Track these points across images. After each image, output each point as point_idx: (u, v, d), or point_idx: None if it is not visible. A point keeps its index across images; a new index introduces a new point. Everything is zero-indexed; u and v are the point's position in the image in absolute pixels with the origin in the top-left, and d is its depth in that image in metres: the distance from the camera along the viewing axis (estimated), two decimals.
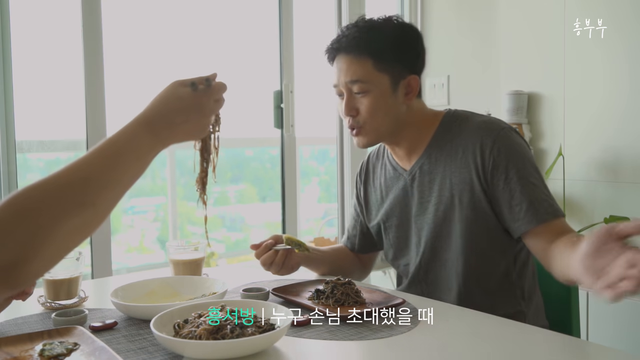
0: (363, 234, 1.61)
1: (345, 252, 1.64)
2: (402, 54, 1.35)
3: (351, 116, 1.38)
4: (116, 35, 2.63)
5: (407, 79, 1.36)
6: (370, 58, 1.33)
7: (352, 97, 1.36)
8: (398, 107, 1.37)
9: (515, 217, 1.27)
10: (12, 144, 2.05)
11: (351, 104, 1.37)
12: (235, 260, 4.28)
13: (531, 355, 0.99)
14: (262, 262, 1.41)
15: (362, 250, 1.62)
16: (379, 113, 1.35)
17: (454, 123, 1.38)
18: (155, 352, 0.99)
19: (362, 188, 1.59)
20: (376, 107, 1.34)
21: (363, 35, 1.33)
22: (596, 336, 2.33)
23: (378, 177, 1.54)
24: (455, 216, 1.34)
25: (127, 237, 4.08)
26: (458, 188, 1.32)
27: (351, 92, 1.36)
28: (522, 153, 1.30)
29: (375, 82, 1.33)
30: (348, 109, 1.37)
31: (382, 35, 1.33)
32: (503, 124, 1.34)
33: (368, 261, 1.66)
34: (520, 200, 1.26)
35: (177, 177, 3.88)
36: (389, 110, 1.36)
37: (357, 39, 1.34)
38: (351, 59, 1.34)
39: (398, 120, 1.38)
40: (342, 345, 1.03)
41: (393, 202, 1.46)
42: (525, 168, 1.28)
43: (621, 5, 2.40)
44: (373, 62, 1.33)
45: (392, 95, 1.35)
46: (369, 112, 1.35)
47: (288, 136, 2.64)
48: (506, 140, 1.30)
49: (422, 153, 1.40)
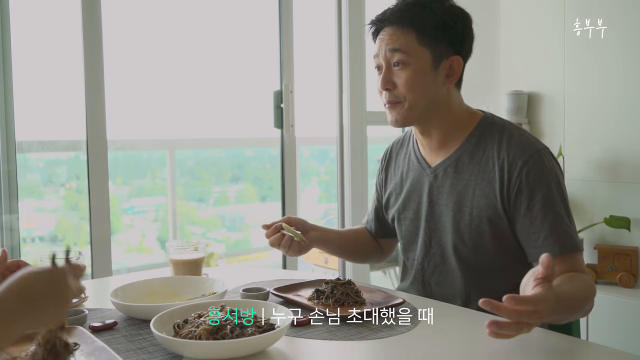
0: (378, 219, 1.59)
1: (364, 234, 1.63)
2: (446, 33, 1.30)
3: (387, 90, 1.33)
4: (116, 35, 2.63)
5: (450, 59, 1.32)
6: (413, 31, 1.29)
7: (390, 70, 1.32)
8: (437, 87, 1.32)
9: (532, 245, 1.25)
10: (12, 144, 2.05)
11: (388, 76, 1.32)
12: (235, 260, 4.28)
13: (531, 355, 0.99)
14: (270, 243, 1.41)
15: (378, 235, 1.61)
16: (417, 88, 1.30)
17: (491, 133, 1.33)
18: (155, 352, 0.99)
19: (384, 174, 1.56)
20: (415, 82, 1.29)
21: (409, 9, 1.31)
22: (596, 336, 2.33)
23: (400, 166, 1.50)
24: (471, 228, 1.30)
25: (127, 237, 4.08)
26: (480, 202, 1.29)
27: (390, 64, 1.32)
28: (551, 179, 1.25)
29: (416, 56, 1.29)
30: (385, 82, 1.32)
31: (427, 11, 1.30)
32: (539, 144, 1.29)
33: (387, 247, 1.63)
34: (539, 228, 1.23)
35: (177, 177, 3.88)
36: (427, 87, 1.30)
37: (403, 11, 1.31)
38: (394, 30, 1.31)
39: (436, 103, 1.32)
40: (342, 345, 1.03)
41: (411, 195, 1.43)
42: (551, 196, 1.24)
43: (621, 5, 2.40)
44: (416, 35, 1.28)
45: (432, 73, 1.30)
46: (406, 85, 1.29)
47: (288, 136, 2.64)
48: (537, 165, 1.25)
49: (450, 153, 1.36)
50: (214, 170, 4.44)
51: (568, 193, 1.31)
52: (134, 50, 3.08)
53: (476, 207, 1.29)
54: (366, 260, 1.68)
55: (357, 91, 2.80)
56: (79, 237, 3.24)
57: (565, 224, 1.23)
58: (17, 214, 2.05)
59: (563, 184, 1.29)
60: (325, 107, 2.91)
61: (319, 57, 3.05)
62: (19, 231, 2.06)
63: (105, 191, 2.11)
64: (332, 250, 1.56)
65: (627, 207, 2.42)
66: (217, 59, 3.35)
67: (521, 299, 0.89)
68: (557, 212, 1.23)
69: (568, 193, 1.31)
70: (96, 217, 2.10)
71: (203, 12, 3.30)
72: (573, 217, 1.28)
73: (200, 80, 3.37)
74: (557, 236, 1.22)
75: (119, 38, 2.82)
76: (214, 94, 3.42)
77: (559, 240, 1.21)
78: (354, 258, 1.71)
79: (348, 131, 2.80)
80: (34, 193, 3.05)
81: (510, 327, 0.88)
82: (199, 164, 4.35)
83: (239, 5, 3.35)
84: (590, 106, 2.53)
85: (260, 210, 4.53)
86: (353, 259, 1.73)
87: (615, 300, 2.29)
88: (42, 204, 3.23)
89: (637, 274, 2.37)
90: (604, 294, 2.31)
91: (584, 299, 1.16)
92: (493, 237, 1.29)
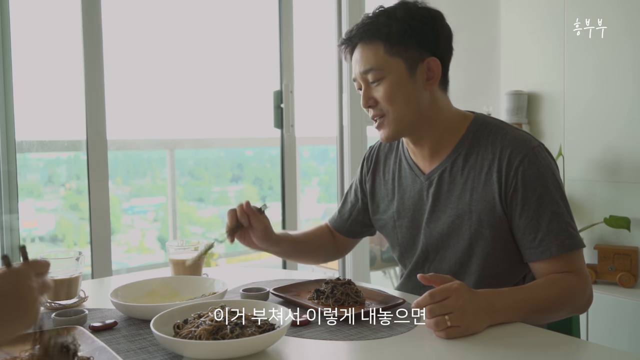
0: (357, 221, 1.56)
1: (322, 234, 1.61)
2: (414, 36, 1.26)
3: (370, 107, 1.32)
4: (116, 35, 2.63)
5: (425, 62, 1.28)
6: (380, 43, 1.27)
7: (369, 88, 1.31)
8: (419, 93, 1.29)
9: (527, 245, 1.24)
10: (12, 144, 2.05)
11: (368, 94, 1.31)
12: (235, 260, 4.28)
13: (531, 355, 0.99)
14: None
15: (348, 235, 1.59)
16: (398, 100, 1.27)
17: (484, 133, 1.30)
18: (155, 352, 0.99)
19: (370, 177, 1.52)
20: (393, 94, 1.27)
21: (373, 21, 1.29)
22: (596, 336, 2.33)
23: (390, 170, 1.47)
24: (471, 232, 1.29)
25: (127, 237, 4.08)
26: (479, 205, 1.27)
27: (368, 82, 1.31)
28: (547, 177, 1.23)
29: (389, 68, 1.27)
30: (365, 100, 1.31)
31: (391, 19, 1.27)
32: (534, 141, 1.27)
33: (347, 245, 1.63)
34: (535, 229, 1.22)
35: (177, 177, 3.88)
36: (408, 96, 1.28)
37: (367, 24, 1.29)
38: (363, 47, 1.29)
39: (421, 111, 1.30)
40: (342, 345, 1.03)
41: (406, 202, 1.41)
42: (547, 194, 1.22)
43: (621, 5, 2.40)
44: (384, 46, 1.26)
45: (410, 81, 1.27)
46: (386, 99, 1.27)
47: (288, 136, 2.64)
48: (533, 163, 1.23)
49: (444, 158, 1.33)
50: (214, 170, 4.44)
51: (568, 193, 1.31)
52: (134, 50, 3.08)
53: (475, 211, 1.28)
54: (320, 261, 1.66)
55: (357, 91, 2.80)
56: (79, 237, 3.24)
57: (564, 222, 1.22)
58: (17, 214, 2.05)
59: (560, 180, 1.27)
60: (325, 107, 2.92)
61: (319, 57, 3.05)
62: (19, 231, 2.06)
63: (105, 191, 2.11)
64: (284, 252, 1.52)
65: (627, 207, 2.42)
66: (217, 59, 3.35)
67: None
68: (553, 210, 1.22)
69: (568, 193, 1.31)
70: (96, 217, 2.10)
71: (203, 12, 3.30)
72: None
73: (200, 80, 3.37)
74: (554, 236, 1.21)
75: (119, 38, 2.82)
76: (214, 94, 3.43)
77: (556, 240, 1.21)
78: (307, 261, 1.67)
79: (348, 131, 2.80)
80: (34, 193, 3.06)
81: (429, 323, 1.04)
82: (199, 164, 4.35)
83: (239, 5, 3.35)
84: (590, 106, 2.53)
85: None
86: (306, 262, 1.70)
87: (615, 300, 2.29)
88: (42, 204, 3.24)
89: (637, 274, 2.37)
90: (604, 294, 2.31)
91: (559, 300, 1.18)
92: (494, 241, 1.28)
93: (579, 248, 1.22)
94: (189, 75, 3.35)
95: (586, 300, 1.23)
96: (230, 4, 3.35)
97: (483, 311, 1.07)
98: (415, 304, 1.07)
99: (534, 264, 1.25)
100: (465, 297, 1.05)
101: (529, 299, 1.15)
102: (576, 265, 1.22)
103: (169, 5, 3.26)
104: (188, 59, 3.33)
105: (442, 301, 1.04)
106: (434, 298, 1.04)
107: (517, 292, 1.16)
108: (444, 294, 1.05)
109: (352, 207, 1.57)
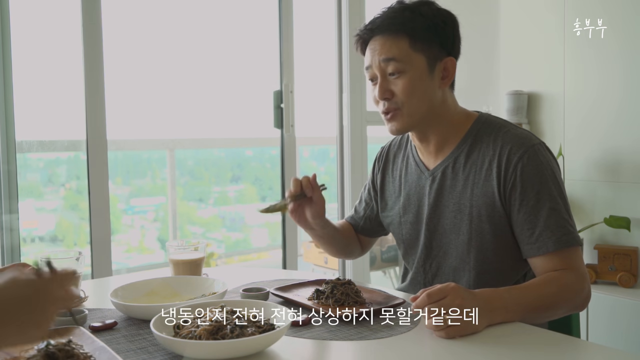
0: (370, 219, 1.59)
1: (349, 229, 1.63)
2: (437, 35, 1.29)
3: (385, 99, 1.31)
4: (116, 35, 2.63)
5: (443, 60, 1.31)
6: (406, 37, 1.28)
7: (386, 79, 1.31)
8: (434, 91, 1.31)
9: (526, 241, 1.25)
10: (12, 144, 2.05)
11: (385, 86, 1.30)
12: (235, 261, 4.28)
13: (531, 355, 0.99)
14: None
15: (363, 233, 1.62)
16: (416, 95, 1.29)
17: (486, 131, 1.33)
18: (155, 352, 0.99)
19: (380, 176, 1.55)
20: (413, 89, 1.28)
21: (398, 15, 1.30)
22: (596, 336, 2.33)
23: (398, 168, 1.50)
24: (472, 228, 1.30)
25: (127, 237, 4.08)
26: (479, 201, 1.29)
27: (385, 73, 1.30)
28: (546, 174, 1.24)
29: (411, 62, 1.28)
30: (382, 92, 1.30)
31: (417, 15, 1.29)
32: (535, 139, 1.29)
33: (368, 244, 1.66)
34: (533, 224, 1.23)
35: (177, 177, 3.88)
36: (425, 93, 1.30)
37: (392, 17, 1.30)
38: (386, 38, 1.30)
39: (433, 107, 1.32)
40: (342, 345, 1.03)
41: (411, 198, 1.43)
42: (546, 191, 1.23)
43: (621, 5, 2.40)
44: (409, 41, 1.27)
45: (428, 77, 1.30)
46: (405, 93, 1.28)
47: (288, 136, 2.64)
48: (533, 160, 1.25)
49: (447, 155, 1.36)
50: (214, 170, 4.44)
51: (568, 193, 1.31)
52: (134, 50, 3.08)
53: (476, 206, 1.29)
54: (349, 255, 1.66)
55: (357, 91, 2.80)
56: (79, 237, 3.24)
57: (562, 219, 1.23)
58: (17, 214, 2.05)
59: (560, 178, 1.28)
60: (325, 107, 2.92)
61: (319, 57, 3.05)
62: (19, 231, 2.06)
63: (105, 191, 2.11)
64: (325, 236, 1.52)
65: (627, 207, 2.42)
66: (217, 59, 3.35)
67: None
68: (551, 207, 1.23)
69: (568, 193, 1.31)
70: (96, 217, 2.10)
71: (203, 12, 3.30)
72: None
73: (200, 80, 3.37)
74: (551, 232, 1.22)
75: (119, 38, 2.82)
76: (214, 94, 3.43)
77: (553, 235, 1.21)
78: (338, 252, 1.66)
79: (348, 131, 2.80)
80: (34, 193, 3.05)
81: (428, 323, 1.04)
82: (199, 164, 4.35)
83: (239, 5, 3.35)
84: (590, 106, 2.53)
85: None
86: (337, 253, 1.70)
87: (615, 300, 2.29)
88: (42, 204, 3.23)
89: (637, 274, 2.37)
90: (603, 294, 2.31)
91: (556, 298, 1.18)
92: (494, 236, 1.29)
93: (575, 245, 1.23)
94: (188, 75, 3.35)
95: (584, 297, 1.23)
96: (230, 4, 3.35)
97: (481, 310, 1.07)
98: (414, 306, 1.08)
99: (532, 260, 1.26)
100: (463, 296, 1.06)
101: (526, 297, 1.16)
102: (574, 263, 1.23)
103: (169, 6, 3.26)
104: (188, 59, 3.33)
105: (439, 301, 1.05)
106: (431, 298, 1.05)
107: (514, 291, 1.17)
108: (441, 294, 1.06)
109: (367, 205, 1.60)
